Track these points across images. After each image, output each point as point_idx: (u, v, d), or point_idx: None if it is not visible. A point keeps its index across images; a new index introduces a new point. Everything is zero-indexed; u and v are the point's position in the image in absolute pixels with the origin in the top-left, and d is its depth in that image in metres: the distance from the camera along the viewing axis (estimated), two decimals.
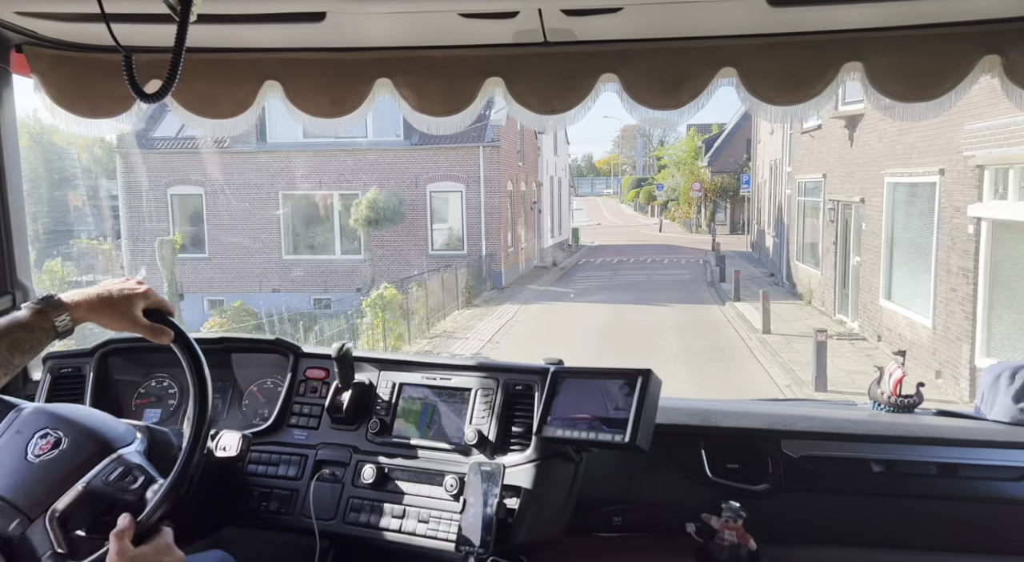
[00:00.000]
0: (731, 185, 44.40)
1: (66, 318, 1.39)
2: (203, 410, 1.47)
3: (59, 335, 1.39)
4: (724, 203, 46.41)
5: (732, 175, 44.23)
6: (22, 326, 1.35)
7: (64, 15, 1.97)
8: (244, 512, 2.03)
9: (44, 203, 19.67)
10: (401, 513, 1.93)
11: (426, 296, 17.95)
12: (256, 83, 2.17)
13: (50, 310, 1.38)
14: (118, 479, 1.43)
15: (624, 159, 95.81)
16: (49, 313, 1.38)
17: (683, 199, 51.61)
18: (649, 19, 1.91)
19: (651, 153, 77.07)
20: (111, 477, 1.43)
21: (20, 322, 1.35)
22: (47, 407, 1.58)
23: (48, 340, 1.38)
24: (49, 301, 1.39)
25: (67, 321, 1.39)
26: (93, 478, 1.42)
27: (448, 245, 24.10)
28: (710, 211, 47.46)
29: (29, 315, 1.37)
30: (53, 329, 1.38)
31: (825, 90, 1.96)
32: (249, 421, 2.22)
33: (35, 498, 1.40)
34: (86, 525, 1.39)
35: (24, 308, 1.39)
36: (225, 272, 22.85)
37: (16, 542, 1.38)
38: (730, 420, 2.14)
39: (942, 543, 2.04)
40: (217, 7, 1.71)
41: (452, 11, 1.85)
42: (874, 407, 2.27)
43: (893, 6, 1.81)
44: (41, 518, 1.38)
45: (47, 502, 1.39)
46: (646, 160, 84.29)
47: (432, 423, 2.03)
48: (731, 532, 1.87)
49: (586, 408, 1.83)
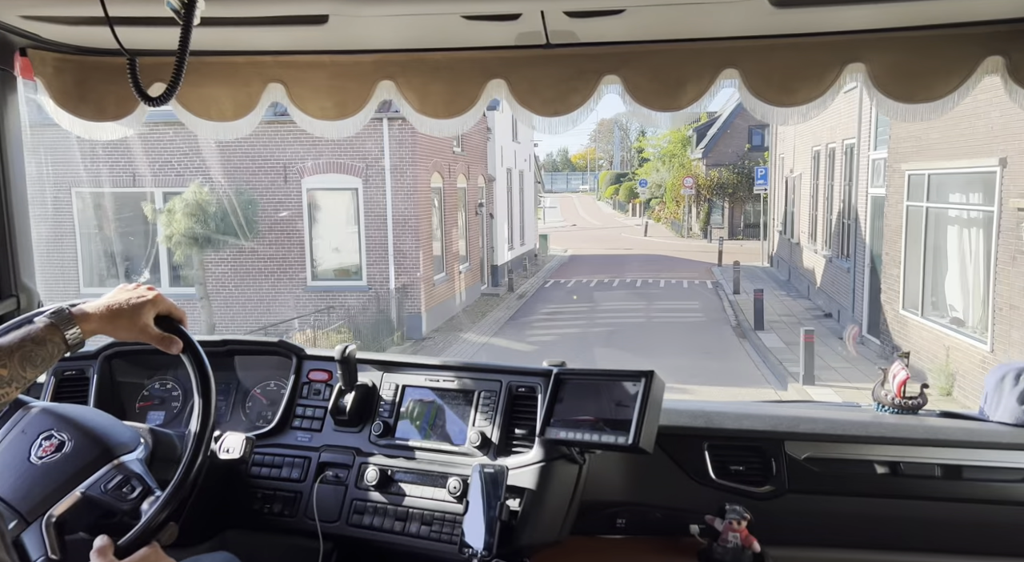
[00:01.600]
0: (731, 181, 38.20)
1: (77, 331, 1.39)
2: (207, 418, 1.47)
3: (70, 348, 1.39)
4: (721, 202, 39.32)
5: (732, 169, 37.90)
6: (34, 340, 1.35)
7: (68, 19, 1.97)
8: (248, 514, 2.04)
9: None
10: (404, 515, 1.93)
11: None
12: (259, 86, 2.18)
13: (61, 324, 1.38)
14: (116, 488, 1.44)
15: (601, 153, 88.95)
16: (61, 327, 1.37)
17: (670, 197, 44.25)
18: (651, 21, 1.91)
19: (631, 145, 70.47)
20: (109, 485, 1.44)
21: (32, 336, 1.35)
22: (54, 407, 1.59)
23: (60, 354, 1.38)
24: (60, 315, 1.39)
25: (78, 334, 1.39)
26: (92, 485, 1.43)
27: (338, 273, 16.11)
28: (704, 212, 40.31)
29: (41, 329, 1.36)
30: (64, 342, 1.38)
31: (828, 91, 1.96)
32: (253, 423, 2.22)
33: (34, 501, 1.41)
34: (81, 530, 1.40)
35: (37, 321, 1.38)
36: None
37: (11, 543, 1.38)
38: (733, 422, 2.14)
39: (946, 544, 2.04)
40: (220, 10, 1.71)
41: (455, 13, 1.86)
42: (878, 409, 2.26)
43: (896, 7, 1.80)
44: (38, 522, 1.38)
45: (45, 506, 1.39)
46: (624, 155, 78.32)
47: (435, 425, 2.03)
48: (735, 534, 1.87)
49: (589, 410, 1.83)
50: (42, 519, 1.38)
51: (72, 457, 1.46)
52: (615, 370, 1.85)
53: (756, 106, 2.01)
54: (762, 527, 1.89)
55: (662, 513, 2.08)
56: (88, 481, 1.43)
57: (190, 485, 1.42)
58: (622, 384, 1.81)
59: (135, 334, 1.45)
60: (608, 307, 19.64)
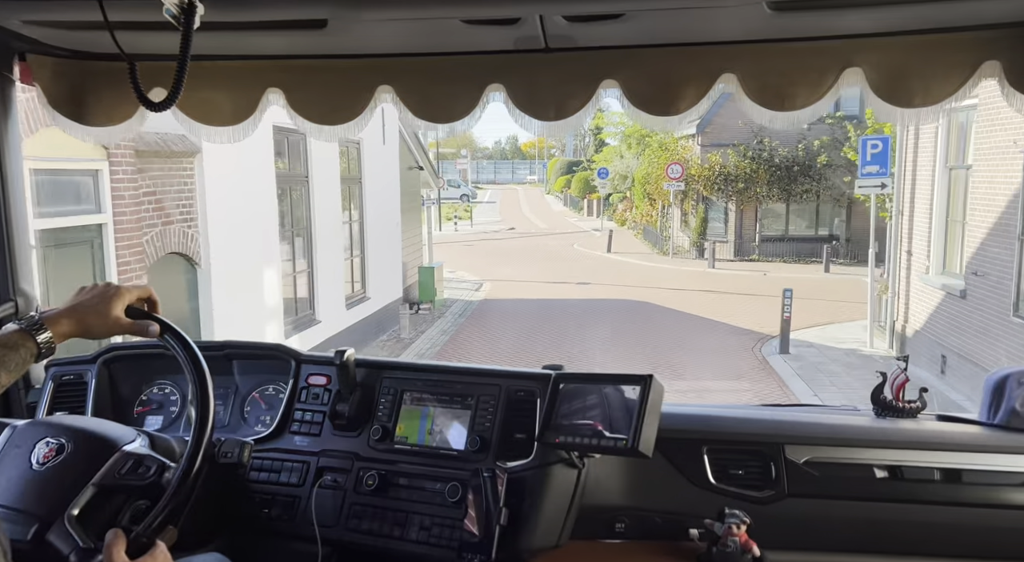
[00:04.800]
0: (743, 171, 24.31)
1: (48, 335, 1.39)
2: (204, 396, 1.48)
3: (42, 354, 1.39)
4: (724, 202, 25.29)
5: (742, 151, 24.16)
6: (5, 345, 1.35)
7: (68, 23, 1.98)
8: (246, 519, 2.03)
9: None
10: (403, 520, 1.92)
11: None
12: (259, 91, 2.18)
13: (32, 329, 1.38)
14: (130, 471, 1.46)
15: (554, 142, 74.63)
16: (32, 332, 1.38)
17: (641, 192, 30.21)
18: (650, 25, 1.92)
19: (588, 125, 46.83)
20: (123, 471, 1.46)
21: (3, 341, 1.36)
22: (40, 419, 1.60)
23: (32, 359, 1.39)
24: (30, 321, 1.40)
25: (49, 338, 1.40)
26: (104, 476, 1.44)
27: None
28: (699, 216, 25.72)
29: (11, 334, 1.37)
30: (36, 346, 1.38)
31: (825, 96, 1.97)
32: (251, 428, 2.22)
33: (49, 503, 1.41)
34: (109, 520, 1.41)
35: (6, 328, 1.39)
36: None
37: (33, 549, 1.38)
38: (733, 426, 2.14)
39: (946, 549, 2.03)
40: (219, 15, 1.71)
41: (454, 18, 1.86)
42: (877, 413, 2.26)
43: (893, 11, 1.81)
44: (59, 521, 1.39)
45: (61, 505, 1.40)
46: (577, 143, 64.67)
47: (434, 429, 2.03)
48: (735, 538, 1.86)
49: (588, 414, 1.83)
50: (63, 517, 1.39)
51: (76, 456, 1.47)
52: (614, 374, 1.85)
53: (754, 111, 2.01)
54: (761, 531, 1.89)
55: (661, 517, 2.08)
56: (99, 473, 1.44)
57: (194, 476, 1.43)
58: (621, 388, 1.81)
59: (108, 328, 1.46)
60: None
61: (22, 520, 1.39)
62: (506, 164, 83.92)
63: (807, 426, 2.13)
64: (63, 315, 1.43)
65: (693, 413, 2.20)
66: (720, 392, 11.20)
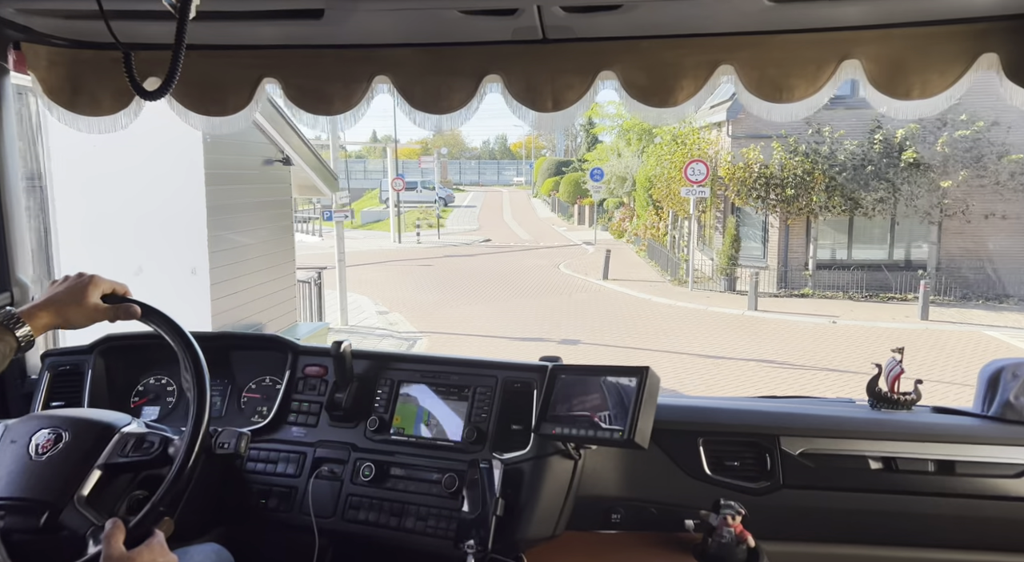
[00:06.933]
0: (792, 172, 17.35)
1: (27, 330, 1.42)
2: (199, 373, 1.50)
3: (21, 348, 1.43)
4: (763, 214, 18.34)
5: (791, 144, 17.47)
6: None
7: (63, 12, 1.97)
8: (243, 510, 2.03)
9: None
10: (400, 510, 1.93)
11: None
12: (255, 80, 2.17)
13: (11, 324, 1.41)
14: (134, 448, 1.48)
15: (544, 142, 70.28)
16: (11, 327, 1.41)
17: (643, 199, 23.96)
18: (648, 16, 1.91)
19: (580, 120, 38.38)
20: (126, 449, 1.48)
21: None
22: (32, 414, 1.61)
23: (12, 353, 1.42)
24: (8, 315, 1.42)
25: (28, 332, 1.43)
26: (108, 457, 1.46)
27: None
28: (731, 232, 18.26)
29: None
30: (16, 341, 1.41)
31: (823, 87, 1.97)
32: (248, 419, 2.22)
33: (56, 489, 1.43)
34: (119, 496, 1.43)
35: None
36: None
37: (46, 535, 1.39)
38: (729, 417, 2.14)
39: (940, 539, 2.05)
40: (216, 4, 1.70)
41: (451, 8, 1.85)
42: (872, 404, 2.27)
43: (891, 3, 1.81)
44: (70, 505, 1.41)
45: (68, 491, 1.42)
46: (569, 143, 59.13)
47: (431, 420, 2.03)
48: (730, 529, 1.87)
49: (585, 405, 1.83)
50: (72, 500, 1.41)
51: (76, 443, 1.49)
52: (611, 366, 1.85)
53: (751, 102, 2.01)
54: (757, 522, 1.90)
55: (657, 508, 2.08)
56: (104, 454, 1.47)
57: (192, 465, 1.44)
58: (618, 380, 1.81)
59: (87, 315, 1.49)
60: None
61: (30, 509, 1.40)
62: (491, 164, 76.24)
63: (802, 418, 2.13)
64: (40, 308, 1.46)
65: (689, 405, 2.21)
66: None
